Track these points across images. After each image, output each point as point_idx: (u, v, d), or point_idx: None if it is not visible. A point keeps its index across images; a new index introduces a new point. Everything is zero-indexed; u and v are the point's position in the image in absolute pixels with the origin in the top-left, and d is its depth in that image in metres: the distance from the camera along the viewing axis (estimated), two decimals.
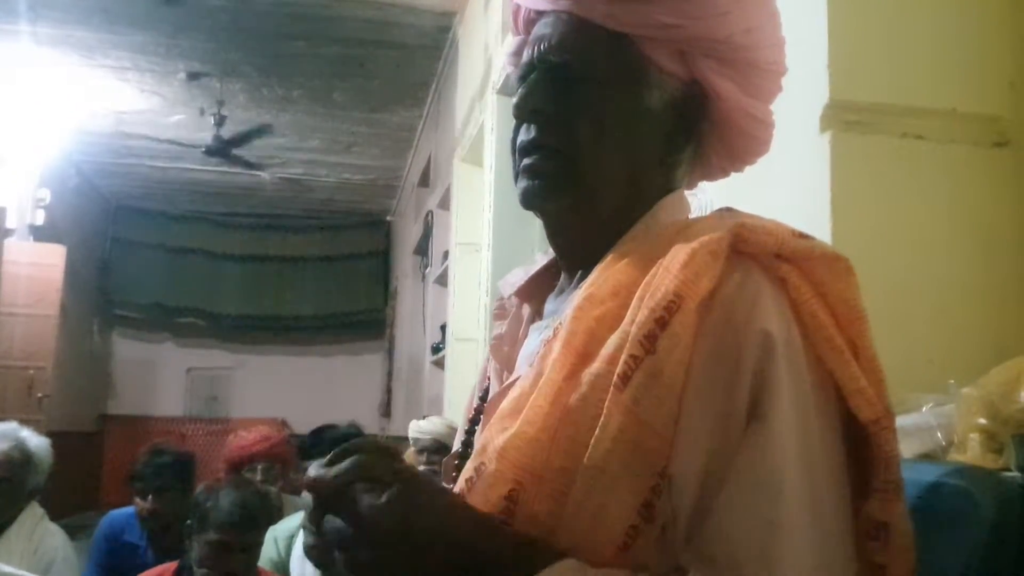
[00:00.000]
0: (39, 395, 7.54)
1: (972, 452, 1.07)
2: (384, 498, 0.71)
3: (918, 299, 1.44)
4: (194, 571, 2.28)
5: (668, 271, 0.78)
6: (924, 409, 1.20)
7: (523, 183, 0.92)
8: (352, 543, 0.72)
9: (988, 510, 0.83)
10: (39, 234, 8.15)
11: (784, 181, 1.54)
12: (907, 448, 1.15)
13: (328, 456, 0.76)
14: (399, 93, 6.97)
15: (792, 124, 1.48)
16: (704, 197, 1.70)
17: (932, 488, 0.88)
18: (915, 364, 1.36)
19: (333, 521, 0.73)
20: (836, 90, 1.44)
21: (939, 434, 1.15)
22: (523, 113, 0.92)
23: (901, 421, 1.17)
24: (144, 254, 11.10)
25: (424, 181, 7.43)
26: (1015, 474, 0.96)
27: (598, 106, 0.90)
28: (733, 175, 1.06)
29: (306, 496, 0.79)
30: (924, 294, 1.44)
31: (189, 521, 2.33)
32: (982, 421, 1.07)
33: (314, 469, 0.75)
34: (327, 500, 0.73)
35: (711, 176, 1.03)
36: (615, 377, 0.76)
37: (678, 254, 0.78)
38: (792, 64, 1.47)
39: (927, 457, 1.14)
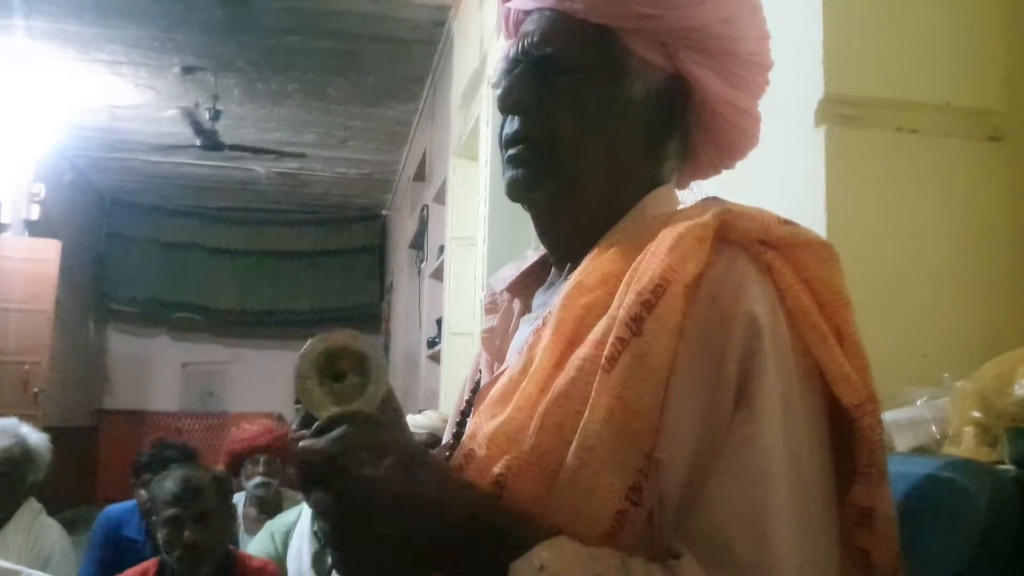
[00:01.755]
0: (35, 390, 7.54)
1: (966, 445, 1.08)
2: (383, 467, 0.71)
3: (913, 292, 1.45)
4: (167, 561, 2.33)
5: (655, 256, 0.78)
6: (918, 403, 1.20)
7: (508, 174, 0.93)
8: (346, 514, 0.71)
9: (982, 503, 0.83)
10: (34, 229, 8.14)
11: (779, 175, 1.54)
12: (902, 441, 1.16)
13: (314, 426, 0.74)
14: (394, 87, 6.96)
15: (787, 118, 1.48)
16: (699, 190, 1.70)
17: (926, 481, 0.89)
18: (910, 358, 1.36)
19: (324, 499, 0.71)
20: (831, 84, 1.44)
21: (933, 427, 1.15)
22: (506, 106, 0.94)
23: (896, 414, 1.18)
24: (139, 249, 11.09)
25: (420, 175, 7.42)
26: (1009, 467, 0.97)
27: (580, 97, 0.91)
28: (732, 169, 1.06)
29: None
30: (919, 287, 1.45)
31: (154, 517, 2.39)
32: (976, 414, 1.08)
33: (303, 440, 0.73)
34: (318, 470, 0.71)
35: (703, 173, 1.03)
36: (602, 360, 0.76)
37: (664, 239, 0.79)
38: (787, 59, 1.47)
39: (921, 450, 1.15)
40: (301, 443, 0.73)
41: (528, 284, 1.01)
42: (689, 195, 1.02)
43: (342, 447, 0.71)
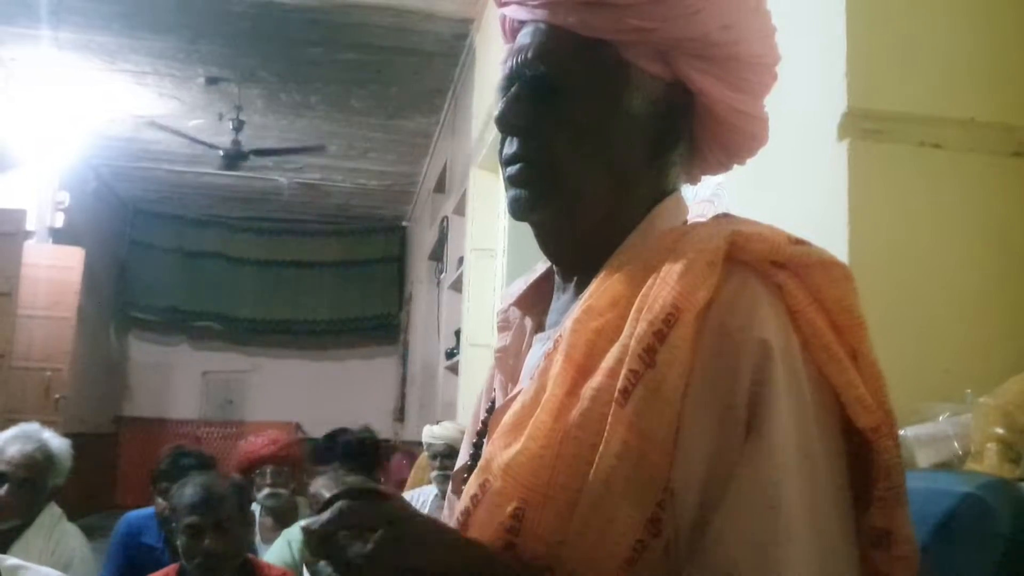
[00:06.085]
0: (56, 396, 7.59)
1: (989, 462, 1.07)
2: (370, 545, 0.71)
3: (935, 307, 1.44)
4: (186, 568, 2.34)
5: (665, 282, 0.77)
6: (941, 418, 1.20)
7: (510, 194, 0.92)
8: None
9: (1005, 520, 0.82)
10: (58, 237, 8.22)
11: (802, 188, 1.54)
12: (923, 457, 1.15)
13: (321, 503, 0.76)
14: (416, 99, 6.99)
15: (811, 132, 1.48)
16: (720, 203, 1.70)
17: (948, 498, 0.88)
18: (932, 373, 1.35)
19: (326, 569, 0.74)
20: (854, 98, 1.44)
21: (956, 443, 1.15)
22: (503, 127, 0.92)
23: (918, 430, 1.17)
24: (161, 257, 11.16)
25: (440, 187, 7.45)
26: None
27: (576, 114, 0.89)
28: (753, 182, 1.06)
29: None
30: (941, 302, 1.44)
31: (173, 525, 2.40)
32: (999, 431, 1.07)
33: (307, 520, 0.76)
34: (317, 549, 0.74)
35: (712, 170, 1.01)
36: (616, 392, 0.75)
37: (675, 264, 0.78)
38: (811, 72, 1.48)
39: (943, 466, 1.14)
40: (303, 524, 0.76)
41: (539, 298, 1.00)
42: (712, 207, 1.01)
43: (335, 525, 0.73)
